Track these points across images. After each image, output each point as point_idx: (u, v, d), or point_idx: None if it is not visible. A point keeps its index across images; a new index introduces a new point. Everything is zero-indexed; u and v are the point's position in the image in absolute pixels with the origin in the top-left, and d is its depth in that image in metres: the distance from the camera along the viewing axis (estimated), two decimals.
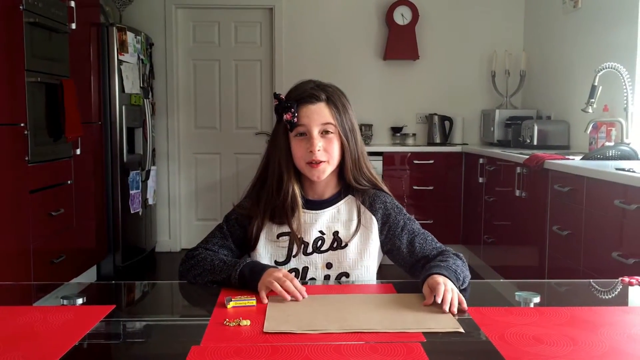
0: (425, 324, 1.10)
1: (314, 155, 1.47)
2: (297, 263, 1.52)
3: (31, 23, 3.13)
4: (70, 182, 3.64)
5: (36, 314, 1.17)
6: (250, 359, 0.95)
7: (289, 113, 1.46)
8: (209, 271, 1.41)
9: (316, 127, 1.47)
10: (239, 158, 5.24)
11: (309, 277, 1.52)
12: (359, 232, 1.53)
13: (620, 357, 0.96)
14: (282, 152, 1.51)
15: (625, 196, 2.36)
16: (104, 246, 4.20)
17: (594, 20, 3.88)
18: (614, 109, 3.52)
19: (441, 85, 5.13)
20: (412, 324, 1.11)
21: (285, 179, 1.50)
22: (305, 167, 1.50)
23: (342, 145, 1.50)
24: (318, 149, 1.47)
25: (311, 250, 1.52)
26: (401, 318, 1.14)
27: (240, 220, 1.55)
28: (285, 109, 1.47)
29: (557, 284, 1.74)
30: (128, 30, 4.31)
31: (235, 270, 1.36)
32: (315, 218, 1.54)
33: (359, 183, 1.55)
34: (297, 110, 1.46)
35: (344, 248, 1.52)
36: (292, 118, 1.46)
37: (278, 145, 1.51)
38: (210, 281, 1.40)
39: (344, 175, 1.55)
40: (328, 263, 1.52)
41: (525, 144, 4.14)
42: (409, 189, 4.67)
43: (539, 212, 3.21)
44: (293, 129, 1.48)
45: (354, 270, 1.52)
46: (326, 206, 1.55)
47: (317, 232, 1.53)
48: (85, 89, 3.94)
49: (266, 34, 5.15)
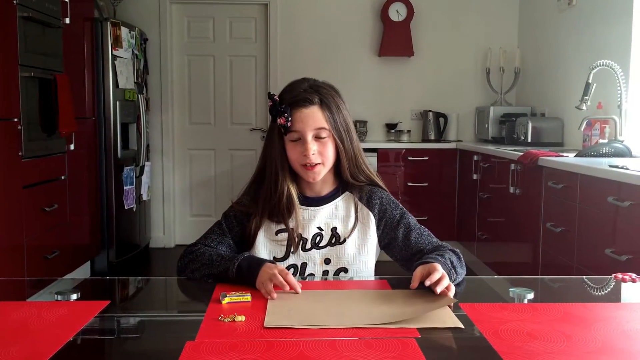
0: (425, 320, 1.11)
1: (308, 159, 1.48)
2: (295, 259, 1.53)
3: (25, 18, 3.11)
4: (64, 177, 3.63)
5: (30, 309, 1.16)
6: (246, 355, 0.95)
7: (282, 117, 1.47)
8: (207, 265, 1.41)
9: (310, 132, 1.48)
10: (233, 154, 5.23)
11: (308, 273, 1.53)
12: (357, 227, 1.55)
13: (613, 352, 0.97)
14: (277, 154, 1.51)
15: (619, 193, 2.37)
16: (98, 242, 4.19)
17: (588, 17, 3.89)
18: (608, 107, 3.53)
19: (436, 82, 5.13)
20: (412, 320, 1.11)
21: (280, 180, 1.51)
22: (301, 170, 1.51)
23: (337, 146, 1.51)
24: (312, 153, 1.48)
25: (310, 246, 1.53)
26: (401, 313, 1.14)
27: (239, 217, 1.55)
28: (279, 113, 1.47)
29: (550, 281, 1.75)
30: (122, 25, 4.30)
31: (233, 264, 1.36)
32: (314, 214, 1.55)
33: (356, 180, 1.57)
34: (290, 114, 1.47)
35: (342, 244, 1.54)
36: (285, 123, 1.47)
37: (273, 147, 1.52)
38: (207, 275, 1.40)
39: (340, 173, 1.56)
40: (326, 259, 1.53)
41: (520, 141, 4.15)
42: (404, 186, 4.67)
43: (533, 209, 3.22)
44: (287, 133, 1.49)
45: (352, 266, 1.53)
46: (324, 203, 1.56)
47: (315, 228, 1.54)
48: (79, 84, 3.92)
49: (261, 30, 5.14)
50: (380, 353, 0.96)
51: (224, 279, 1.37)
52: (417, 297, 1.24)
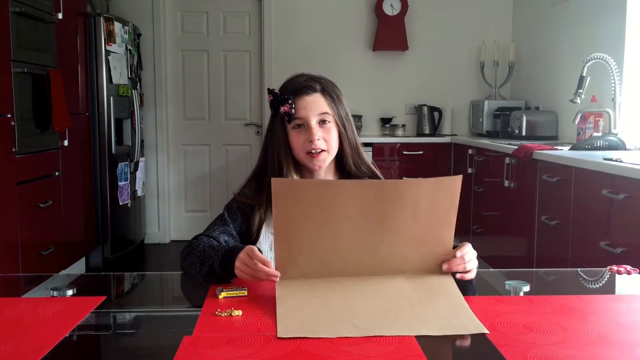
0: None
1: (314, 145, 1.48)
2: None
3: (17, 13, 3.09)
4: (58, 173, 3.61)
5: (26, 305, 1.16)
6: (243, 349, 0.95)
7: (286, 105, 1.47)
8: (200, 259, 1.36)
9: (314, 118, 1.49)
10: (228, 149, 5.22)
11: None
12: None
13: (609, 344, 0.97)
14: (281, 145, 1.51)
15: (613, 186, 2.38)
16: (93, 238, 4.17)
17: (582, 11, 3.89)
18: (602, 100, 3.54)
19: (430, 76, 5.13)
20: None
21: (285, 171, 1.51)
22: (306, 158, 1.51)
23: (340, 133, 1.53)
24: (318, 139, 1.48)
25: None
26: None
27: (242, 209, 1.54)
28: (282, 101, 1.48)
29: (546, 273, 1.76)
30: (115, 21, 4.27)
31: (217, 257, 1.31)
32: None
33: (359, 170, 1.57)
34: (293, 101, 1.48)
35: None
36: (289, 110, 1.47)
37: (276, 139, 1.52)
38: (200, 274, 1.35)
39: (341, 164, 1.57)
40: None
41: (514, 134, 4.16)
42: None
43: (528, 203, 3.23)
44: (291, 120, 1.49)
45: None
46: None
47: None
48: (73, 79, 3.90)
49: (255, 25, 5.12)
50: (379, 347, 0.96)
51: (213, 275, 1.32)
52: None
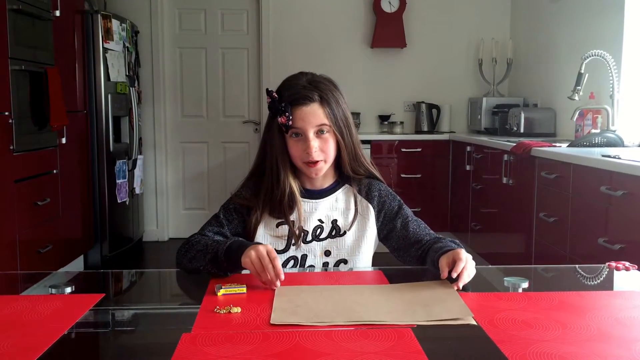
0: (436, 315, 1.09)
1: (311, 157, 1.47)
2: (295, 251, 1.53)
3: (14, 10, 3.08)
4: (56, 171, 3.61)
5: (25, 302, 1.16)
6: (242, 346, 0.95)
7: (283, 117, 1.46)
8: (202, 252, 1.38)
9: (311, 129, 1.47)
10: (226, 147, 5.21)
11: (308, 265, 1.53)
12: (357, 220, 1.56)
13: (607, 340, 0.97)
14: (278, 150, 1.50)
15: (611, 183, 2.38)
16: (91, 236, 4.17)
17: (580, 8, 3.89)
18: (600, 97, 3.54)
19: (428, 73, 5.13)
20: (422, 315, 1.09)
21: (282, 177, 1.50)
22: (303, 166, 1.51)
23: (338, 141, 1.51)
24: (315, 150, 1.47)
25: (310, 238, 1.54)
26: (411, 309, 1.12)
27: (239, 210, 1.55)
28: (279, 112, 1.46)
29: (544, 270, 1.76)
30: (113, 18, 4.27)
31: (225, 244, 1.34)
32: (315, 207, 1.55)
33: (357, 173, 1.58)
34: (290, 113, 1.46)
35: (342, 236, 1.55)
36: (287, 122, 1.46)
37: (273, 144, 1.51)
38: (202, 263, 1.37)
39: (340, 166, 1.57)
40: (327, 251, 1.54)
41: (512, 131, 4.16)
42: (397, 177, 4.68)
43: (526, 199, 3.23)
44: (288, 131, 1.48)
45: (352, 257, 1.54)
46: (324, 195, 1.57)
47: (316, 220, 1.55)
48: (70, 77, 3.89)
49: (253, 22, 5.11)
50: (377, 343, 0.96)
51: (216, 265, 1.34)
52: (425, 290, 1.23)
